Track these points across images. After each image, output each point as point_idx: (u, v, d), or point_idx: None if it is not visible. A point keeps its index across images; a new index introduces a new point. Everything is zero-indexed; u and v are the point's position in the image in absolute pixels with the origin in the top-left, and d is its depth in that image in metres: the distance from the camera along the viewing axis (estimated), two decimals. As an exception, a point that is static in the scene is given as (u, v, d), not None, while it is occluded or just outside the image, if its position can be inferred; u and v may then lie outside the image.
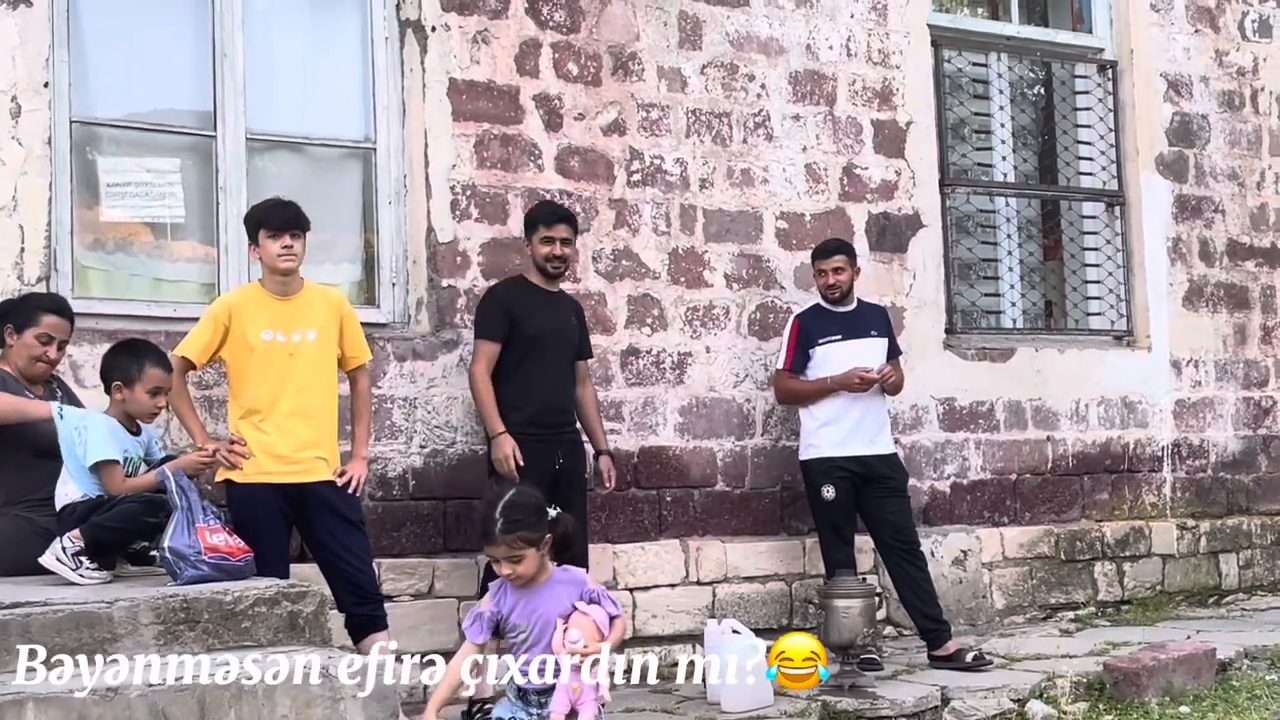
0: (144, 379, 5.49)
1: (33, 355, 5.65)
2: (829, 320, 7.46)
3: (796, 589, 7.85)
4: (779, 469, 7.95)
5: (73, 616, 4.44)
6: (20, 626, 4.40)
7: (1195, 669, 6.94)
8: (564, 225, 6.82)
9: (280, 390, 5.91)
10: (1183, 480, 9.32)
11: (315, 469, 5.96)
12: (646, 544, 7.53)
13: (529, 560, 4.79)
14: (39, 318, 5.65)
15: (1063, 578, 8.73)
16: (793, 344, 7.48)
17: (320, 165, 7.23)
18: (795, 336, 7.48)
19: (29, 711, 4.05)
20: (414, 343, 7.07)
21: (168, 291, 6.78)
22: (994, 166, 9.07)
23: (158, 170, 6.75)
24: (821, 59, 8.28)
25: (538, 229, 6.80)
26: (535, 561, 4.82)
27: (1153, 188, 9.34)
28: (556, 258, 6.80)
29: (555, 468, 6.68)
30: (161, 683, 4.20)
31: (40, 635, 4.40)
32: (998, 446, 8.65)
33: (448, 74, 7.22)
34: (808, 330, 7.46)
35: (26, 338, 5.64)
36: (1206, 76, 9.64)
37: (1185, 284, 9.42)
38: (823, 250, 7.56)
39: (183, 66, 6.87)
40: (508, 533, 4.78)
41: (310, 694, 4.39)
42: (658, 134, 7.75)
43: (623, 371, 7.56)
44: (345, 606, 6.02)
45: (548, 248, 6.78)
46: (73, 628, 4.43)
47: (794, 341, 7.48)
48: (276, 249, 5.88)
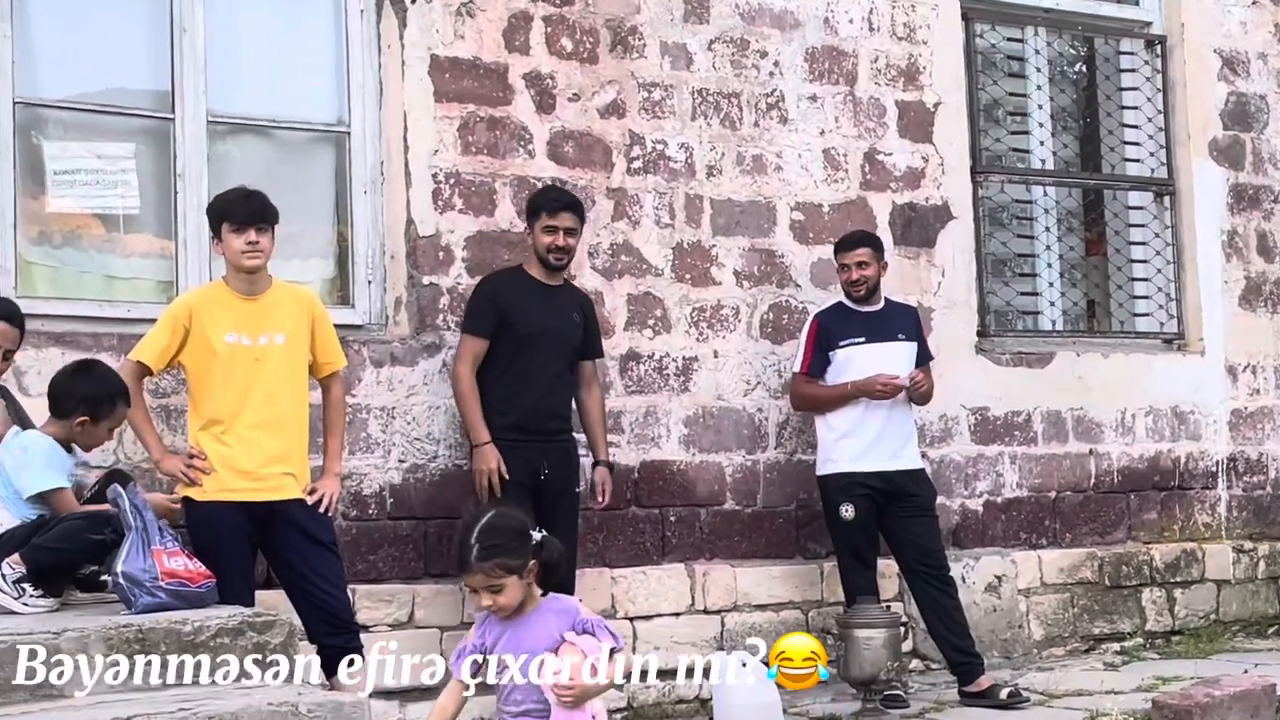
0: (113, 417, 5.59)
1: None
2: (852, 320, 7.45)
3: (814, 617, 7.85)
4: (794, 485, 7.95)
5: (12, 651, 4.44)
6: (-43, 661, 4.41)
7: (1253, 706, 6.91)
8: (569, 214, 6.84)
9: (245, 399, 5.91)
10: (1239, 498, 9.32)
11: (283, 486, 5.96)
12: (648, 568, 7.53)
13: (510, 590, 4.67)
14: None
15: (1107, 606, 8.73)
16: (810, 345, 7.48)
17: (289, 150, 7.24)
18: (814, 337, 7.48)
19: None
20: (392, 346, 7.07)
21: (121, 290, 6.79)
22: (1031, 152, 9.07)
23: (110, 156, 6.76)
24: (841, 33, 8.29)
25: (540, 217, 6.82)
26: (518, 591, 4.69)
27: (1206, 175, 9.35)
28: (560, 249, 6.82)
29: (540, 478, 6.70)
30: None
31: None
32: (1035, 461, 8.65)
33: (429, 50, 7.22)
34: (828, 330, 7.45)
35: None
36: (1265, 53, 9.65)
37: (1242, 281, 9.42)
38: (846, 242, 7.55)
39: (137, 42, 6.88)
40: (485, 559, 4.64)
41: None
42: (660, 116, 7.76)
43: (622, 378, 7.56)
44: (317, 637, 6.03)
45: (550, 238, 6.80)
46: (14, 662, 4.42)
47: (812, 342, 7.48)
48: (241, 244, 5.88)
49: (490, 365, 6.72)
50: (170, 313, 6.01)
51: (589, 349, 7.04)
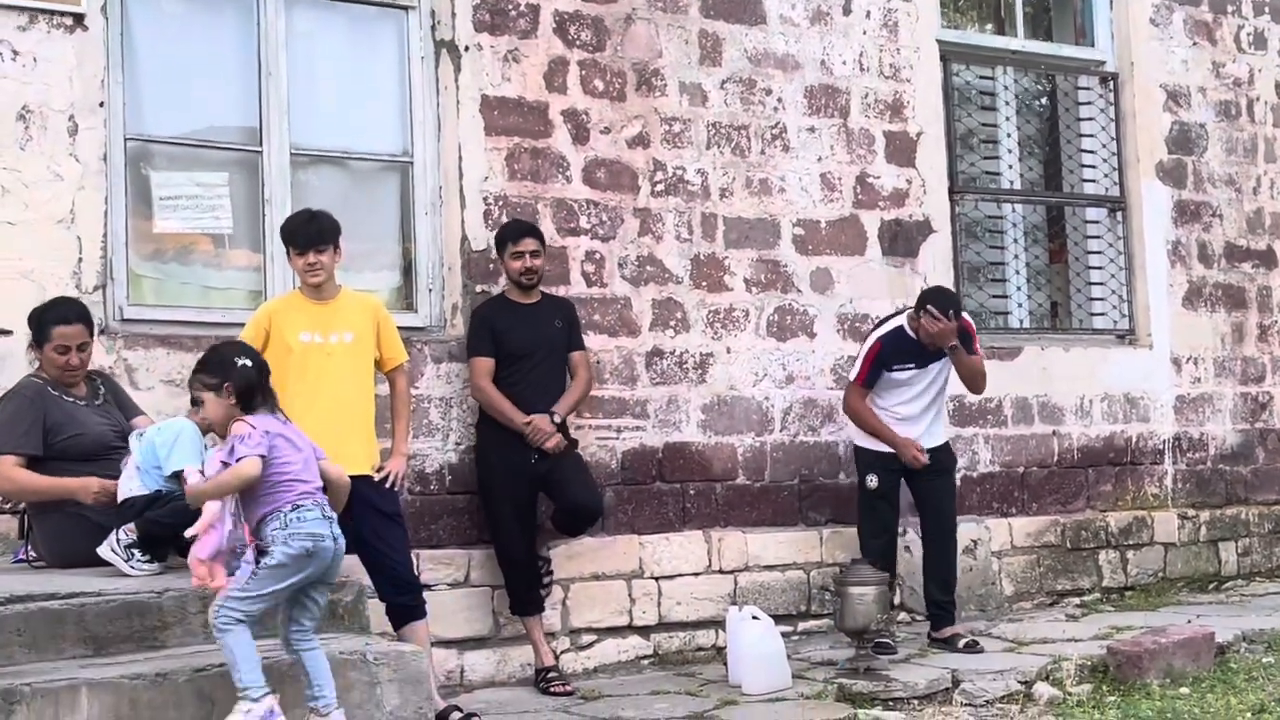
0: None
1: (56, 365, 5.62)
2: (910, 352, 7.27)
3: (814, 577, 7.79)
4: (797, 463, 7.91)
5: (124, 606, 4.45)
6: (75, 616, 4.42)
7: (1195, 652, 6.87)
8: (530, 239, 6.82)
9: (319, 389, 5.88)
10: (1183, 472, 9.23)
11: (353, 463, 5.86)
12: (671, 535, 7.49)
13: (210, 405, 4.71)
14: (50, 331, 5.60)
15: (1069, 565, 8.66)
16: (869, 363, 7.28)
17: (360, 178, 7.22)
18: (873, 358, 7.27)
19: (83, 697, 4.05)
20: (450, 345, 7.05)
21: (217, 299, 6.78)
22: (1001, 174, 9.00)
23: (207, 184, 6.75)
24: (835, 74, 8.23)
25: (507, 246, 6.82)
26: (218, 407, 4.70)
27: (1153, 193, 9.26)
28: (529, 270, 6.80)
29: (532, 462, 6.69)
30: (206, 668, 4.19)
31: (94, 624, 4.40)
32: (1006, 441, 8.58)
33: (480, 91, 7.20)
34: (885, 357, 7.27)
35: (47, 351, 5.62)
36: (1204, 87, 9.55)
37: (1185, 285, 9.33)
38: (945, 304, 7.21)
39: (230, 86, 6.87)
40: (192, 375, 4.82)
41: (348, 678, 4.39)
42: (680, 146, 7.72)
43: (648, 371, 7.53)
44: (385, 596, 6.02)
45: (518, 262, 6.78)
46: (124, 616, 4.43)
47: (870, 361, 7.27)
48: (302, 265, 5.91)
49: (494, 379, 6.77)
50: (254, 318, 6.02)
51: (574, 344, 6.99)
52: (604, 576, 7.27)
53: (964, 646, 7.21)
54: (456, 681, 6.81)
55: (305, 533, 4.41)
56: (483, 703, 6.42)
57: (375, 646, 4.52)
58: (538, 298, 6.95)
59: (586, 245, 7.43)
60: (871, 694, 6.42)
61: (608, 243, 7.47)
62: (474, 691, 6.73)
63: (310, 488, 4.51)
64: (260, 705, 4.15)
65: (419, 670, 4.51)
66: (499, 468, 6.77)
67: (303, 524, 4.42)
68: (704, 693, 6.54)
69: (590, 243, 7.44)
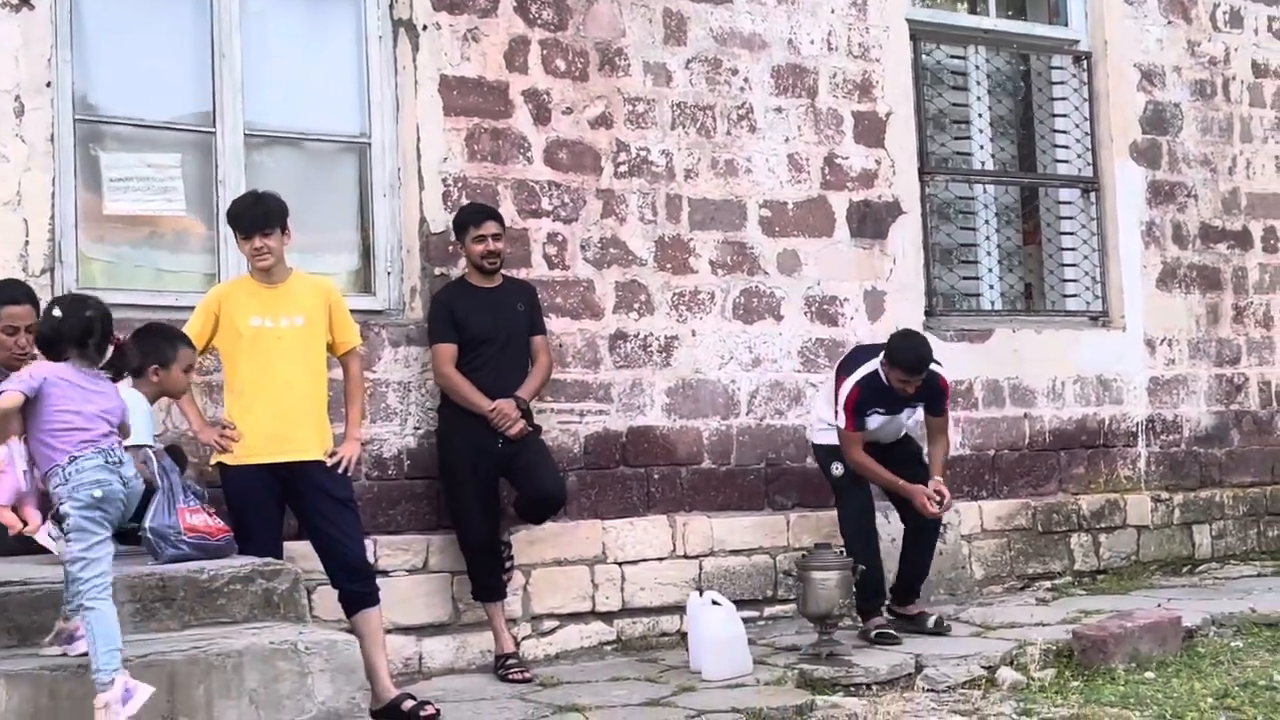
0: (180, 359, 5.52)
1: (5, 347, 5.49)
2: (883, 398, 7.02)
3: (781, 561, 7.66)
4: (763, 447, 7.77)
5: (50, 595, 4.31)
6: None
7: (1161, 636, 6.75)
8: (492, 222, 6.70)
9: (269, 373, 5.78)
10: (1157, 455, 9.09)
11: (304, 448, 5.82)
12: (635, 520, 7.36)
13: None
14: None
15: (1040, 549, 8.53)
16: (851, 412, 6.96)
17: (317, 159, 7.07)
18: (853, 406, 6.97)
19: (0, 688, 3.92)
20: (408, 329, 6.91)
21: (169, 281, 6.63)
22: (972, 155, 8.85)
23: (159, 165, 6.59)
24: (803, 53, 8.07)
25: (468, 230, 6.69)
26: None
27: (1127, 174, 9.11)
28: (491, 253, 6.68)
29: (497, 447, 6.56)
30: (131, 658, 4.06)
31: (18, 614, 4.28)
32: (976, 424, 8.45)
33: (439, 71, 7.05)
34: (864, 406, 6.99)
35: None
36: (1179, 66, 9.40)
37: (1159, 266, 9.19)
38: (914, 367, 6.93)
39: (182, 66, 6.71)
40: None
41: (278, 668, 4.26)
42: (644, 126, 7.57)
43: (611, 355, 7.39)
44: (338, 583, 5.90)
45: (480, 245, 6.66)
46: (50, 606, 4.30)
47: (852, 410, 6.96)
48: (249, 250, 5.79)
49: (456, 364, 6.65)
50: (203, 302, 5.92)
51: (536, 328, 6.86)
52: (566, 562, 7.14)
53: (933, 626, 7.08)
54: (415, 669, 6.69)
55: (88, 481, 4.21)
56: (440, 690, 6.31)
57: (308, 636, 4.39)
58: (499, 281, 6.82)
59: (548, 227, 7.29)
60: (832, 680, 6.31)
61: (570, 224, 7.33)
62: (432, 679, 6.61)
63: (92, 435, 4.27)
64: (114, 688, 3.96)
65: (353, 659, 4.38)
66: (461, 453, 6.64)
67: (82, 474, 4.21)
68: (664, 679, 6.42)
69: (552, 224, 7.29)
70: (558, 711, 5.80)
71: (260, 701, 4.21)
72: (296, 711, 4.26)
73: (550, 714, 5.77)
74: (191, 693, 4.13)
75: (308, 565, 6.16)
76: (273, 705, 4.22)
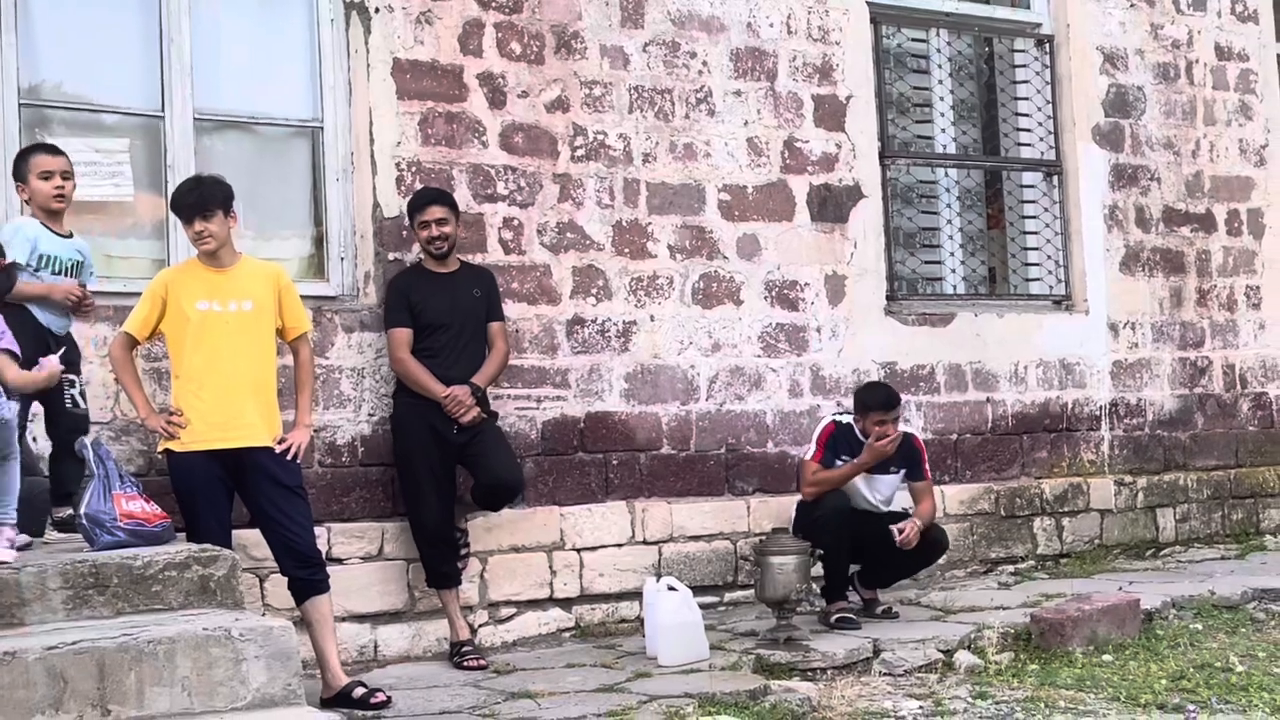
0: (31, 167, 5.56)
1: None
2: (855, 446, 6.99)
3: (741, 547, 7.61)
4: (723, 432, 7.70)
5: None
6: (-73, 593, 4.20)
7: (1120, 619, 6.71)
8: (436, 206, 6.62)
9: (216, 359, 5.69)
10: (1120, 438, 9.04)
11: (252, 434, 5.73)
12: (593, 506, 7.29)
13: None
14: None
15: (1003, 533, 8.48)
16: (822, 446, 6.97)
17: (269, 144, 6.98)
18: (825, 442, 6.98)
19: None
20: (361, 314, 6.82)
21: (119, 267, 6.53)
22: (934, 139, 8.78)
23: (106, 150, 6.47)
24: (762, 36, 7.99)
25: (414, 217, 6.64)
26: None
27: (1090, 157, 9.05)
28: (436, 238, 6.61)
29: (454, 433, 6.50)
30: (58, 646, 3.97)
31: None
32: (939, 408, 8.39)
33: (392, 54, 6.95)
34: (836, 444, 6.98)
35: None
36: (1142, 49, 9.34)
37: (1122, 249, 9.13)
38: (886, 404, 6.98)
39: (130, 49, 6.61)
40: None
41: (211, 655, 4.18)
42: (601, 110, 7.48)
43: (569, 340, 7.31)
44: (286, 570, 5.81)
45: (425, 231, 6.61)
46: (-22, 594, 4.22)
47: (823, 445, 6.98)
48: (191, 235, 5.71)
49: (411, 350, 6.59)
50: (150, 288, 5.82)
51: (493, 314, 6.78)
52: (524, 549, 7.08)
53: (880, 613, 7.09)
54: (370, 657, 6.63)
55: None
56: (394, 677, 6.24)
57: (243, 622, 4.30)
58: (455, 266, 6.74)
59: (504, 212, 7.20)
60: (789, 665, 6.25)
61: (526, 209, 7.25)
62: (387, 666, 6.55)
63: None
64: None
65: (288, 646, 4.29)
66: (416, 439, 6.56)
67: None
68: (620, 665, 6.35)
69: (508, 209, 7.21)
70: (511, 698, 5.73)
71: (193, 689, 4.12)
72: (230, 699, 4.17)
73: (503, 701, 5.70)
74: (122, 680, 4.04)
75: (258, 554, 6.12)
76: (206, 692, 4.14)
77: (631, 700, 5.60)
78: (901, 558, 6.99)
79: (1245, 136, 9.72)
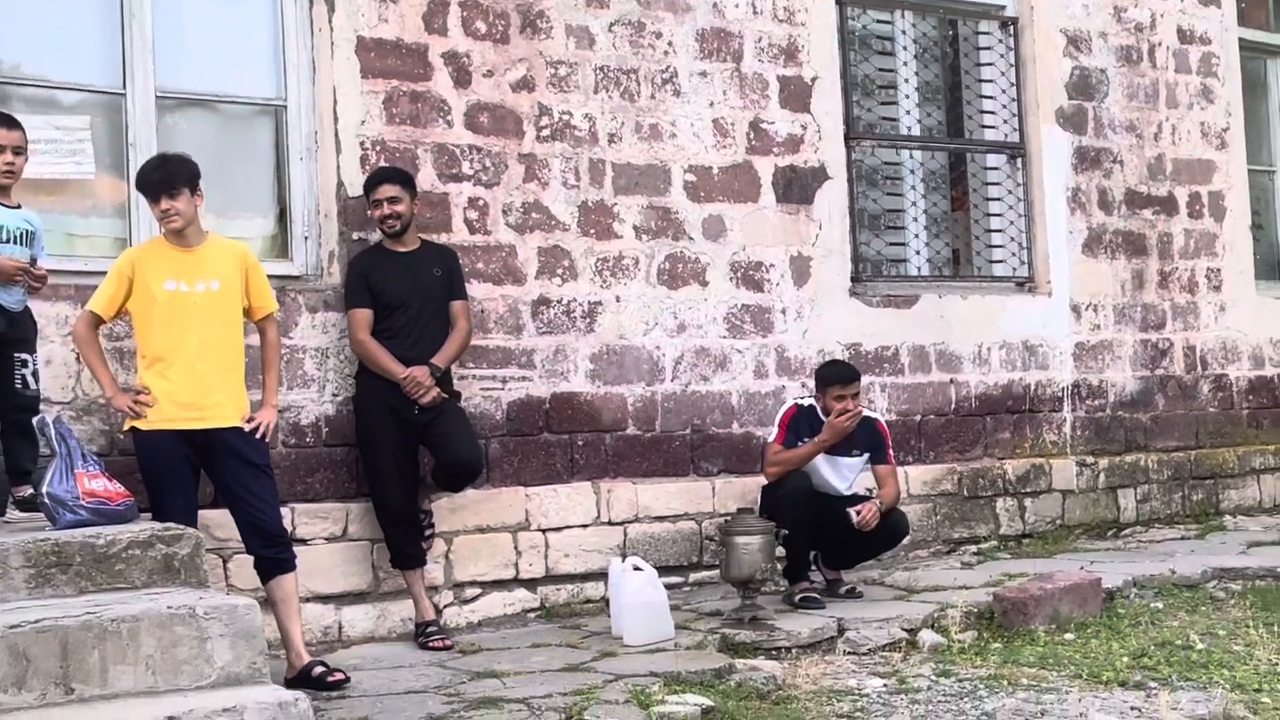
0: None
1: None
2: (819, 428, 7.02)
3: (706, 527, 7.62)
4: (688, 413, 7.71)
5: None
6: (-114, 572, 4.16)
7: (1082, 598, 6.77)
8: (388, 185, 6.60)
9: (184, 339, 5.65)
10: (1082, 419, 9.10)
11: (220, 415, 5.70)
12: (559, 486, 7.28)
13: None
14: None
15: (966, 513, 8.53)
16: (784, 429, 7.03)
17: (231, 122, 6.92)
18: (787, 424, 7.04)
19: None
20: (325, 294, 6.79)
21: (80, 246, 6.48)
22: (899, 120, 8.80)
23: (67, 128, 6.41)
24: (728, 16, 7.99)
25: (369, 196, 6.63)
26: None
27: (1053, 140, 9.09)
28: (389, 217, 6.59)
29: (415, 414, 6.49)
30: (20, 624, 3.95)
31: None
32: (903, 389, 8.42)
33: (356, 32, 6.91)
34: (798, 426, 7.03)
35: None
36: (1105, 32, 9.39)
37: (1085, 232, 9.19)
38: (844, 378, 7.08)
39: (91, 25, 6.54)
40: None
41: (175, 634, 4.15)
42: (566, 90, 7.46)
43: (534, 320, 7.30)
44: (252, 549, 5.79)
45: (378, 210, 6.59)
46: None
47: (785, 427, 7.03)
48: (157, 213, 5.67)
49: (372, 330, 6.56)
50: (115, 266, 5.76)
51: (455, 293, 6.76)
52: (489, 529, 7.07)
53: (844, 592, 7.13)
54: (335, 637, 6.61)
55: None
56: (359, 658, 6.23)
57: (207, 600, 4.28)
58: (416, 245, 6.72)
59: (469, 192, 7.18)
60: (754, 644, 6.28)
61: (491, 189, 7.23)
62: (352, 647, 6.53)
63: None
64: None
65: (253, 624, 4.27)
66: (378, 420, 6.54)
67: None
68: (585, 645, 6.36)
69: (473, 189, 7.18)
70: (476, 678, 5.73)
71: (157, 667, 4.10)
72: (195, 677, 4.15)
73: (468, 680, 5.70)
74: (86, 659, 4.02)
75: (222, 534, 6.10)
76: (170, 671, 4.12)
77: (596, 679, 5.60)
78: (861, 541, 7.03)
79: (1207, 120, 9.79)
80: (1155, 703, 5.22)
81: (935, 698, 5.48)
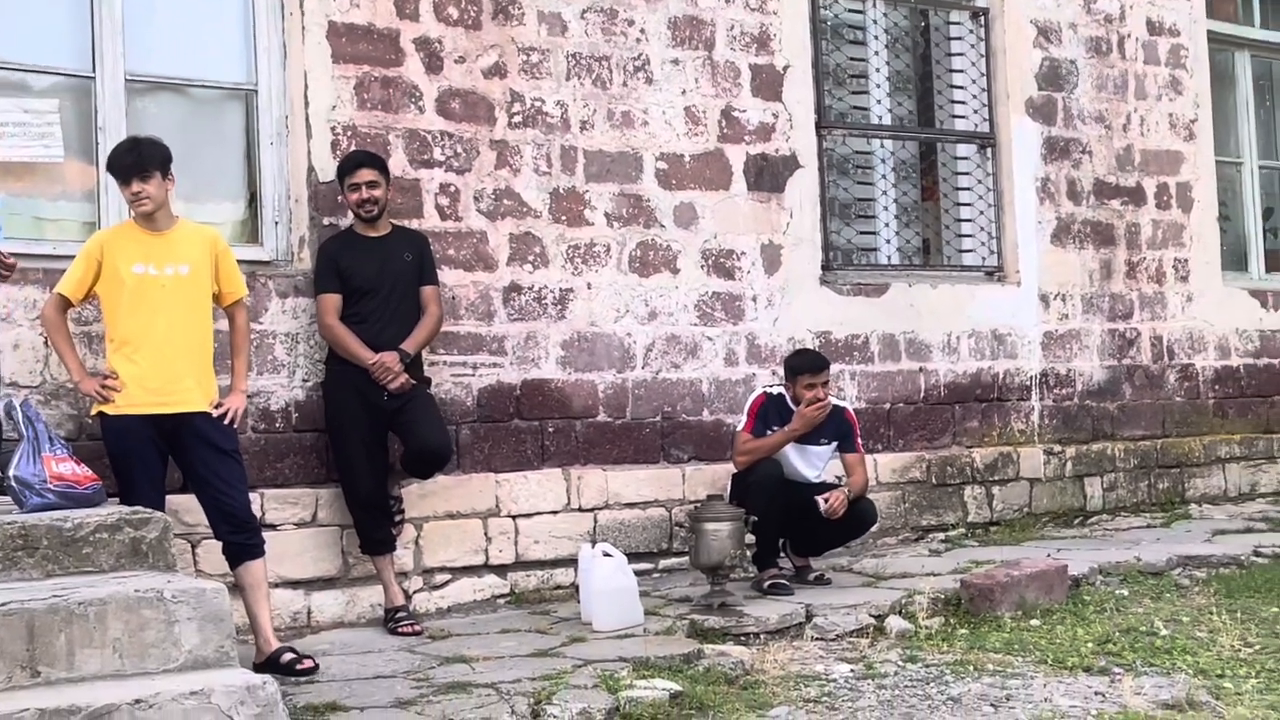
0: None
1: None
2: (785, 416, 7.05)
3: (676, 514, 7.63)
4: (659, 400, 7.72)
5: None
6: None
7: (1048, 585, 6.81)
8: (366, 169, 6.58)
9: (152, 323, 5.63)
10: (1050, 408, 9.16)
11: (188, 400, 5.69)
12: (529, 473, 7.28)
13: None
14: None
15: (934, 501, 8.57)
16: (753, 417, 7.05)
17: (202, 106, 6.89)
18: (756, 412, 7.06)
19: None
20: (296, 279, 6.77)
21: (48, 229, 6.44)
22: (870, 110, 8.82)
23: (36, 111, 6.37)
24: (700, 4, 7.99)
25: (344, 180, 6.60)
26: None
27: (1023, 130, 9.13)
28: (366, 201, 6.57)
29: (384, 400, 6.48)
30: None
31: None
32: (872, 377, 8.46)
33: (327, 17, 6.89)
34: (766, 414, 7.05)
35: None
36: (1075, 23, 9.43)
37: (1054, 222, 9.23)
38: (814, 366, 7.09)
39: (60, 9, 6.50)
40: None
41: (143, 617, 4.14)
42: (538, 77, 7.45)
43: (505, 307, 7.30)
44: (220, 534, 5.77)
45: (355, 194, 6.57)
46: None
47: (754, 415, 7.05)
48: (128, 196, 5.64)
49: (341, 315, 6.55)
50: (84, 249, 5.75)
51: (425, 278, 6.74)
52: (459, 515, 7.07)
53: (813, 579, 7.15)
54: (304, 623, 6.60)
55: None
56: (328, 643, 6.23)
57: (175, 584, 4.27)
58: (386, 230, 6.71)
59: (441, 178, 7.16)
60: (723, 629, 6.30)
61: (463, 175, 7.22)
62: (321, 633, 6.52)
63: None
64: None
65: (221, 608, 4.26)
66: (347, 406, 6.53)
67: None
68: (554, 631, 6.37)
69: (445, 175, 7.17)
70: (445, 663, 5.73)
71: (124, 650, 4.09)
72: (163, 660, 4.14)
73: (437, 666, 5.70)
74: (52, 642, 4.01)
75: (191, 520, 6.08)
76: (137, 654, 4.11)
77: (566, 664, 5.61)
78: (829, 529, 7.05)
79: (1175, 111, 9.84)
80: (1119, 688, 5.26)
81: (902, 683, 5.51)
